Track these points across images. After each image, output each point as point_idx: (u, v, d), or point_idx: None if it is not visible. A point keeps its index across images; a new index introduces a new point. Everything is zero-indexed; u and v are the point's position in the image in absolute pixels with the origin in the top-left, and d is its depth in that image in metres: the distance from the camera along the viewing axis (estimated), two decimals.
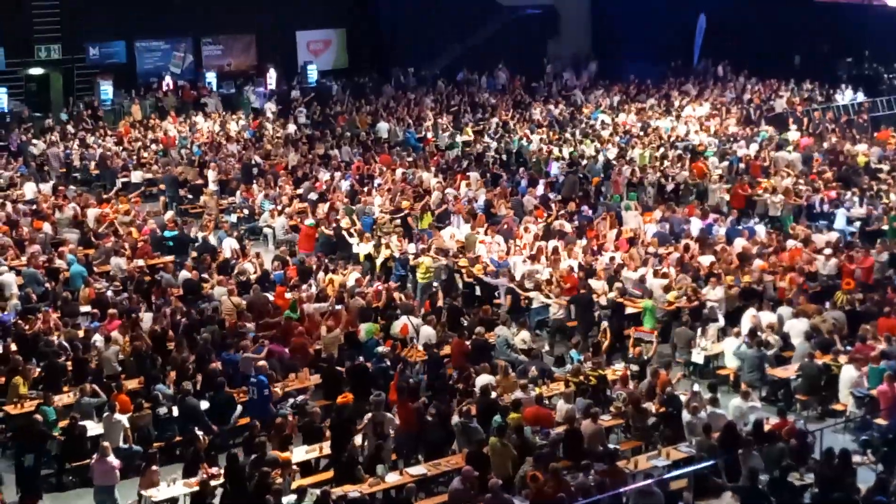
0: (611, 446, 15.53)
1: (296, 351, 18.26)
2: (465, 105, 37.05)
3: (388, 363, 17.59)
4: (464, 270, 21.98)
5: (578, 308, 20.12)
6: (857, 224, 24.62)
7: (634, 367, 17.78)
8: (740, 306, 19.75)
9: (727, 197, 26.78)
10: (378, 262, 22.73)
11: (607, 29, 44.51)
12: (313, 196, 26.44)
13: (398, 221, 24.98)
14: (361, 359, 17.69)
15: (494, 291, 21.31)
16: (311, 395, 17.27)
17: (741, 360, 18.11)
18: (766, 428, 15.55)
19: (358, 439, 15.36)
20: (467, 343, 18.34)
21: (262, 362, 17.33)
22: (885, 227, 24.13)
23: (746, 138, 32.01)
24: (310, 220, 24.49)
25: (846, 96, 37.95)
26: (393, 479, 15.00)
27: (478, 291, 21.74)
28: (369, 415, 15.65)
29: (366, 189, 26.99)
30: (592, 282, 20.80)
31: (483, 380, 16.81)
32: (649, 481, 14.17)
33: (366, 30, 41.41)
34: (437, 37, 41.02)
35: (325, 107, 36.77)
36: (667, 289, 20.45)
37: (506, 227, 23.99)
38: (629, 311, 20.20)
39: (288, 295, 20.25)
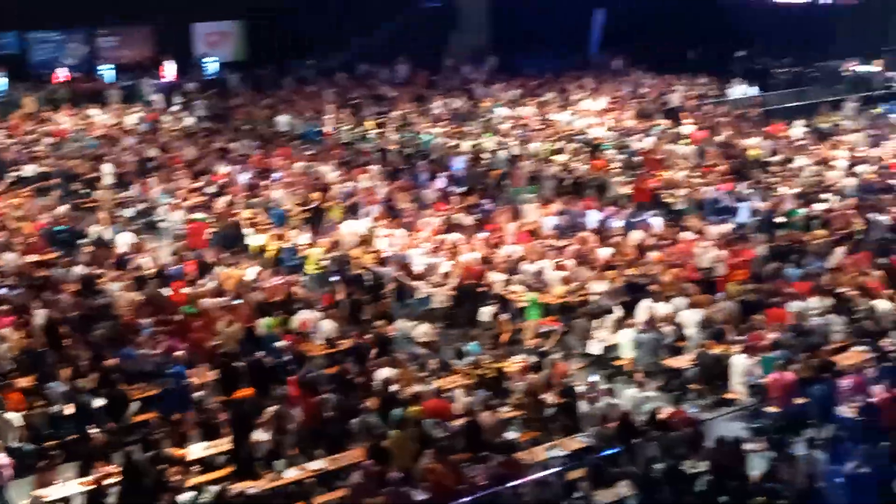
0: (509, 437, 15.67)
1: (194, 346, 18.07)
2: (366, 98, 36.93)
3: (288, 358, 17.55)
4: (355, 261, 21.96)
5: (463, 299, 20.26)
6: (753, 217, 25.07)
7: (533, 359, 17.96)
8: (629, 300, 19.98)
9: (626, 190, 27.13)
10: (268, 254, 22.65)
11: (506, 23, 44.71)
12: (212, 190, 26.19)
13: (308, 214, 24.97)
14: (261, 354, 17.58)
15: (383, 282, 21.35)
16: (210, 390, 17.10)
17: (638, 345, 18.41)
18: (661, 417, 15.83)
19: (257, 435, 15.26)
20: (368, 337, 18.38)
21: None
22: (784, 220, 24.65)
23: (642, 132, 32.50)
24: (200, 215, 24.31)
25: (738, 90, 38.74)
26: (292, 474, 14.95)
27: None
28: (270, 409, 15.58)
29: (265, 183, 26.79)
30: (492, 274, 20.96)
31: (383, 373, 16.85)
32: (547, 472, 14.35)
33: (265, 22, 40.98)
34: (338, 29, 40.81)
35: (223, 99, 36.37)
36: (566, 281, 20.71)
37: (406, 220, 24.06)
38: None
39: (186, 290, 20.05)
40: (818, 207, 24.89)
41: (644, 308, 19.29)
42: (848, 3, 40.82)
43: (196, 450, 15.36)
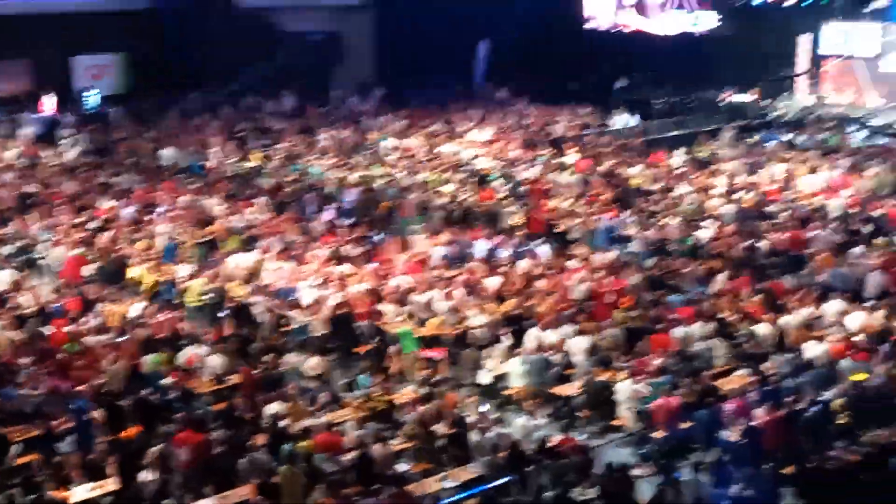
0: (401, 469, 15.65)
1: (77, 385, 17.67)
2: (252, 131, 36.67)
3: (175, 395, 17.28)
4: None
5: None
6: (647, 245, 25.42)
7: (423, 390, 17.96)
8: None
9: (516, 220, 27.34)
10: (145, 287, 22.41)
11: (391, 55, 44.96)
12: (94, 225, 25.72)
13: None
14: (146, 391, 17.28)
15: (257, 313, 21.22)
16: (95, 429, 16.72)
17: (527, 367, 18.55)
18: (551, 445, 15.96)
19: (143, 474, 14.97)
20: (256, 371, 18.20)
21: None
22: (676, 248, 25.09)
23: (527, 162, 32.89)
24: (78, 250, 23.88)
25: (620, 120, 39.48)
26: None
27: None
28: (155, 448, 15.31)
29: (149, 217, 26.41)
30: (382, 306, 20.95)
31: (272, 408, 16.69)
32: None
33: (148, 55, 40.47)
34: (222, 61, 40.45)
35: (105, 133, 35.75)
36: (454, 310, 20.79)
37: (294, 252, 23.93)
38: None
39: (68, 328, 19.63)
40: (700, 234, 25.44)
41: (532, 336, 19.46)
42: (722, 34, 41.97)
43: (80, 492, 14.99)
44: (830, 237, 24.93)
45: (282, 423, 16.26)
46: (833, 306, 20.55)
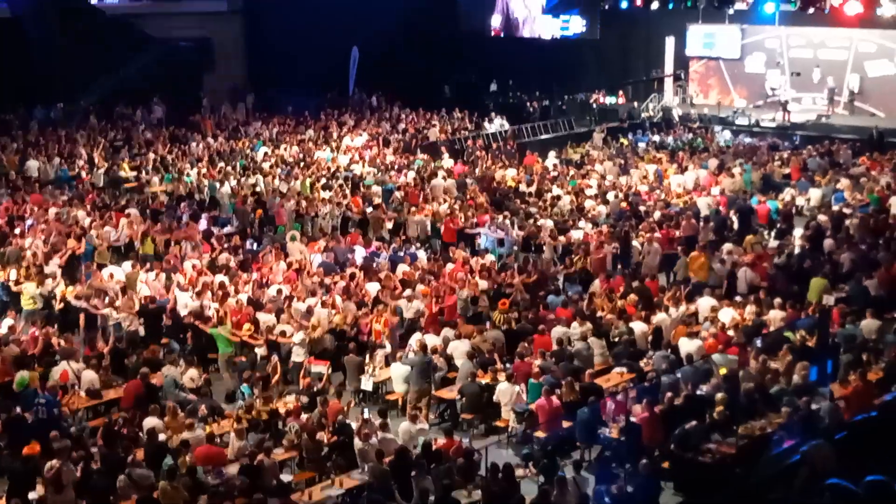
0: (285, 479, 15.51)
1: None
2: (121, 140, 35.89)
3: (49, 412, 16.82)
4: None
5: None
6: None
7: (305, 399, 17.84)
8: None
9: (389, 225, 27.36)
10: None
11: (263, 61, 44.62)
12: None
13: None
14: (19, 410, 16.79)
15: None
16: None
17: (409, 367, 18.58)
18: (436, 448, 15.98)
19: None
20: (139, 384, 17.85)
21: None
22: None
23: (403, 167, 32.94)
24: None
25: (494, 124, 39.84)
26: None
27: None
28: (50, 464, 14.84)
29: (17, 231, 25.66)
30: (261, 315, 20.71)
31: (150, 422, 16.36)
32: None
33: (8, 62, 39.29)
34: (88, 70, 39.47)
35: None
36: (343, 316, 20.71)
37: (169, 263, 23.52)
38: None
39: None
40: (575, 234, 25.79)
41: (414, 340, 19.47)
42: (592, 37, 42.69)
43: None
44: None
45: (160, 438, 15.95)
46: (706, 302, 21.02)
